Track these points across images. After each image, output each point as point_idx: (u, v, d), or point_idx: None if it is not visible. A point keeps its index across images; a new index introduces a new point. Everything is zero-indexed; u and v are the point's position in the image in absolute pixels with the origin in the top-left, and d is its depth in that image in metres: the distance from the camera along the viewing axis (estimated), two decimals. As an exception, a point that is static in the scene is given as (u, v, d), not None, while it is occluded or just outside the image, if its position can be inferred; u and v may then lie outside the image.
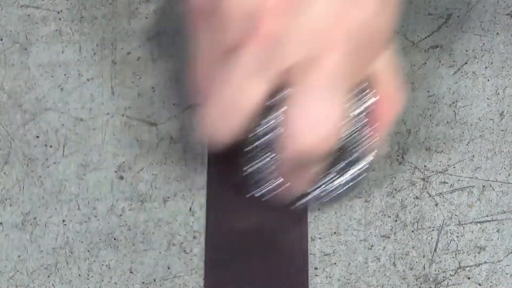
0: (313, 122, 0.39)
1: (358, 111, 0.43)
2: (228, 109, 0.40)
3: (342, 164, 0.44)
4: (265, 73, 0.39)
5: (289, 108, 0.39)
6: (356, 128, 0.43)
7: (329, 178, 0.45)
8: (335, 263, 0.49)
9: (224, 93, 0.40)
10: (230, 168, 0.48)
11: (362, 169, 0.45)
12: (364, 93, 0.43)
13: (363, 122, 0.43)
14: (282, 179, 0.44)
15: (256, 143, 0.42)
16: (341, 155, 0.44)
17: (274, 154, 0.42)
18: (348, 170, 0.45)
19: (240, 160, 0.44)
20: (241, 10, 0.38)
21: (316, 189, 0.46)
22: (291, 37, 0.38)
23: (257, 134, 0.42)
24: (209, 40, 0.40)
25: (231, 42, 0.39)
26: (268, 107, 0.41)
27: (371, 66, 0.42)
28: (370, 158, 0.45)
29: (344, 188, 0.46)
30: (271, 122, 0.41)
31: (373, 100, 0.43)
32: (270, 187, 0.45)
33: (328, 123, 0.39)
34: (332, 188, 0.46)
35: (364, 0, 0.39)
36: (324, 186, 0.45)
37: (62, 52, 0.51)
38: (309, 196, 0.46)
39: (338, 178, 0.45)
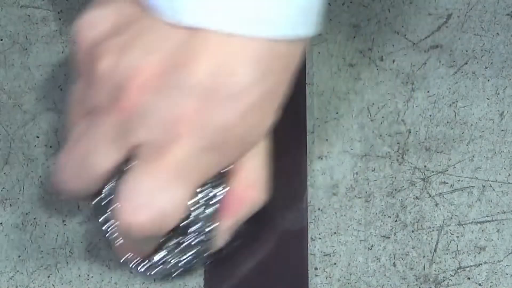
0: (141, 204, 0.38)
1: (206, 198, 0.41)
2: (78, 165, 0.40)
3: (179, 246, 0.43)
4: (118, 142, 0.39)
5: (125, 182, 0.39)
6: (201, 214, 0.42)
7: (162, 256, 0.44)
8: (335, 263, 0.49)
9: (78, 150, 0.40)
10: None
11: (198, 255, 0.43)
12: (220, 180, 0.41)
13: (210, 208, 0.42)
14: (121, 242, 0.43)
15: (100, 202, 0.42)
16: (178, 236, 0.43)
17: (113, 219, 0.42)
18: (184, 252, 0.43)
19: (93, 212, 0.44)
20: (112, 75, 0.38)
21: (147, 262, 0.44)
22: (148, 116, 0.37)
23: (103, 194, 0.42)
24: (81, 93, 0.40)
25: (96, 102, 0.39)
26: (117, 173, 0.40)
27: (232, 162, 0.41)
28: (210, 245, 0.43)
29: (178, 268, 0.44)
30: (113, 188, 0.41)
31: (225, 190, 0.42)
32: (113, 244, 0.44)
33: (155, 209, 0.38)
34: (164, 265, 0.44)
35: (232, 105, 0.37)
36: (156, 261, 0.44)
37: (62, 52, 0.51)
38: (140, 266, 0.44)
39: (172, 258, 0.44)
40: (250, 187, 0.42)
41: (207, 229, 0.42)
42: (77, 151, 0.40)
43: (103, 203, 0.42)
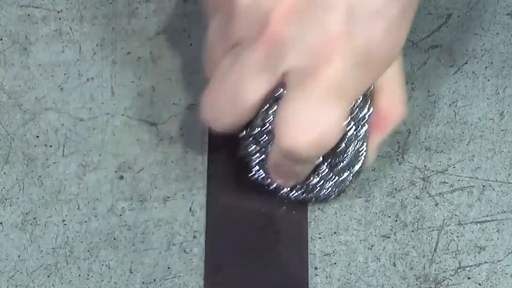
0: (302, 127, 0.39)
1: (357, 118, 0.43)
2: (227, 100, 0.41)
3: (336, 167, 0.44)
4: (267, 72, 0.40)
5: (282, 109, 0.40)
6: (354, 134, 0.43)
7: (319, 178, 0.45)
8: (335, 263, 0.49)
9: (226, 84, 0.41)
10: (230, 167, 0.48)
11: (354, 174, 0.45)
12: (366, 101, 0.43)
13: (363, 129, 0.43)
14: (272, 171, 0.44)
15: (251, 133, 0.43)
16: (335, 158, 0.44)
17: (266, 147, 0.43)
18: (340, 174, 0.45)
19: (237, 150, 0.45)
20: (255, 7, 0.39)
21: (304, 187, 0.46)
22: (296, 42, 0.38)
23: (254, 126, 0.43)
24: (221, 30, 0.41)
25: (240, 36, 0.40)
26: (267, 103, 0.41)
27: (376, 79, 0.42)
28: (363, 164, 0.45)
29: (333, 190, 0.46)
30: (268, 118, 0.42)
31: (371, 110, 0.43)
32: (261, 175, 0.45)
33: (316, 131, 0.39)
34: (320, 189, 0.46)
35: (376, 20, 0.38)
36: (312, 185, 0.45)
37: (62, 52, 0.51)
38: (297, 192, 0.46)
39: (329, 179, 0.45)
40: (393, 104, 0.44)
41: (360, 149, 0.44)
42: (226, 85, 0.41)
43: (252, 135, 0.43)
